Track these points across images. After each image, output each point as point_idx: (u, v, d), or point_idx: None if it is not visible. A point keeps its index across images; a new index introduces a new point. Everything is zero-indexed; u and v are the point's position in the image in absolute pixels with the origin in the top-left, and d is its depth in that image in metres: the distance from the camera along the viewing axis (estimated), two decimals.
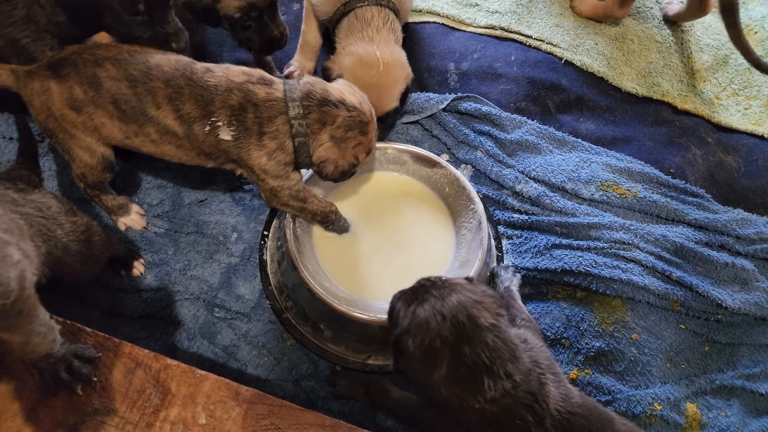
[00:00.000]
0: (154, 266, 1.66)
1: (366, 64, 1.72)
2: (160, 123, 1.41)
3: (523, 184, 1.90)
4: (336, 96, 1.43)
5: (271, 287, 1.67)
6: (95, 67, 1.39)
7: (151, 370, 1.14)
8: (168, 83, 1.38)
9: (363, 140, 1.47)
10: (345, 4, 1.79)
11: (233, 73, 1.43)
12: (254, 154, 1.42)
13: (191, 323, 1.58)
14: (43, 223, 1.26)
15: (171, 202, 1.80)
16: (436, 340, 1.06)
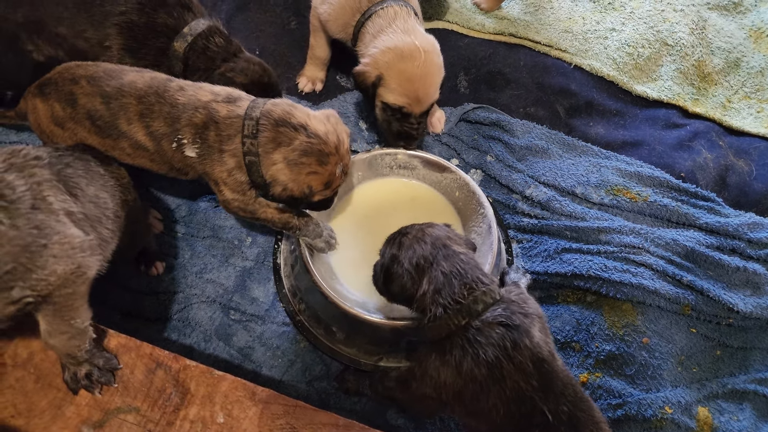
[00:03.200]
0: (171, 269, 1.70)
1: (408, 56, 1.66)
2: (132, 138, 1.45)
3: (533, 189, 1.92)
4: (299, 120, 1.41)
5: (284, 290, 1.71)
6: (72, 84, 1.45)
7: (171, 370, 1.18)
8: (140, 100, 1.43)
9: (319, 170, 1.41)
10: (364, 12, 1.77)
11: (202, 92, 1.46)
12: (216, 169, 1.45)
13: (207, 325, 1.62)
14: (122, 191, 1.41)
15: (188, 207, 1.85)
16: (420, 259, 1.23)
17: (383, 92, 1.71)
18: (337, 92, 2.15)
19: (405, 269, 1.24)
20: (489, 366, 1.10)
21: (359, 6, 1.78)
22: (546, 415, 1.08)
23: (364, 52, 1.76)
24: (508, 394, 1.10)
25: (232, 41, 1.70)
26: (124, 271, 1.68)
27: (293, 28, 2.29)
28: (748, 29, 2.39)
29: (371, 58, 1.70)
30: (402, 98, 1.70)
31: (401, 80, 1.66)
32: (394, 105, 1.72)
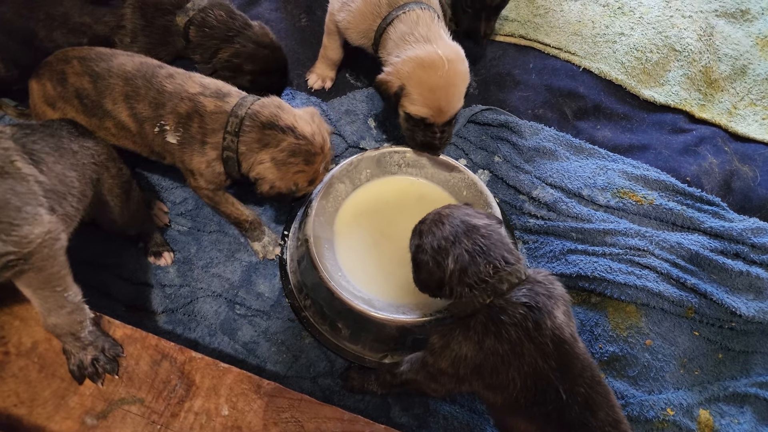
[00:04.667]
0: (177, 263, 1.70)
1: (430, 66, 1.61)
2: (116, 118, 1.50)
3: (540, 190, 1.92)
4: (286, 121, 1.46)
5: (290, 286, 1.71)
6: (64, 64, 1.51)
7: (176, 362, 1.17)
8: (127, 82, 1.48)
9: (306, 168, 1.50)
10: (385, 17, 1.72)
11: (191, 82, 1.51)
12: (195, 159, 1.51)
13: (213, 319, 1.62)
14: (95, 169, 1.40)
15: (194, 202, 1.84)
16: (441, 241, 1.23)
17: (406, 102, 1.67)
18: (346, 90, 2.15)
19: (429, 255, 1.23)
20: (510, 343, 1.11)
21: (379, 11, 1.73)
22: (560, 393, 1.10)
23: (387, 59, 1.72)
24: (526, 369, 1.12)
25: (236, 15, 1.71)
26: (130, 263, 1.67)
27: (303, 24, 2.28)
28: (755, 37, 2.40)
29: (393, 68, 1.66)
30: (424, 109, 1.65)
31: (423, 91, 1.62)
32: (416, 116, 1.67)
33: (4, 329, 1.15)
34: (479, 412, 1.55)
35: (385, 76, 1.68)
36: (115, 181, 1.48)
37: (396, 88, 1.64)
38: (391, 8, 1.71)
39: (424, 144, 1.73)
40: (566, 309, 1.19)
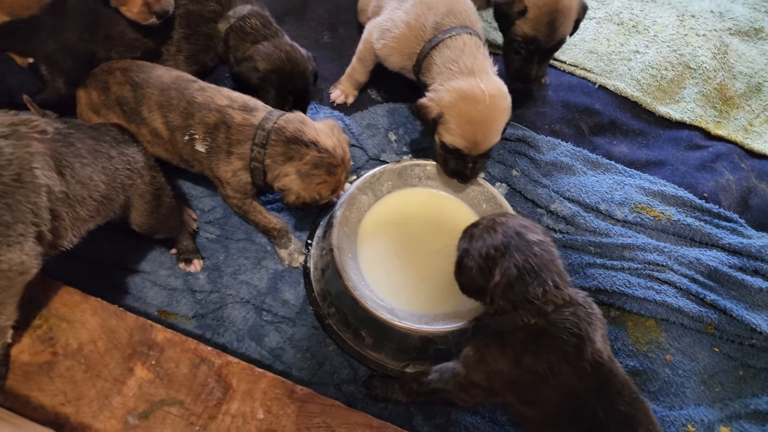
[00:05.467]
0: (207, 269, 1.75)
1: (471, 99, 1.63)
2: (151, 125, 1.59)
3: (558, 204, 1.96)
4: (309, 136, 1.54)
5: (314, 294, 1.75)
6: (108, 75, 1.62)
7: (213, 365, 1.22)
8: (162, 92, 1.57)
9: (329, 179, 1.57)
10: (430, 40, 1.73)
11: (220, 95, 1.59)
12: (222, 168, 1.58)
13: (241, 325, 1.66)
14: (129, 175, 1.45)
15: (222, 210, 1.90)
16: (491, 249, 1.22)
17: (442, 131, 1.68)
18: (367, 104, 2.20)
19: (475, 261, 1.24)
20: (549, 363, 1.13)
21: (423, 35, 1.75)
22: (598, 412, 1.11)
23: (430, 83, 1.73)
24: (563, 388, 1.13)
25: (272, 25, 1.79)
26: (162, 269, 1.73)
27: (326, 42, 2.35)
28: None
29: (435, 95, 1.68)
30: (460, 140, 1.66)
31: (461, 122, 1.63)
32: (451, 146, 1.69)
33: (52, 331, 1.20)
34: (501, 423, 1.57)
35: (426, 102, 1.69)
36: (147, 187, 1.54)
37: (435, 115, 1.66)
38: (436, 31, 1.73)
39: (455, 172, 1.75)
40: (603, 332, 1.20)
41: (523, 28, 1.83)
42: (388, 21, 1.85)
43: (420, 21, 1.75)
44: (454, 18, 1.75)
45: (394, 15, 1.84)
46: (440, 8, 1.76)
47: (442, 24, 1.74)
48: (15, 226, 1.12)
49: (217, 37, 1.75)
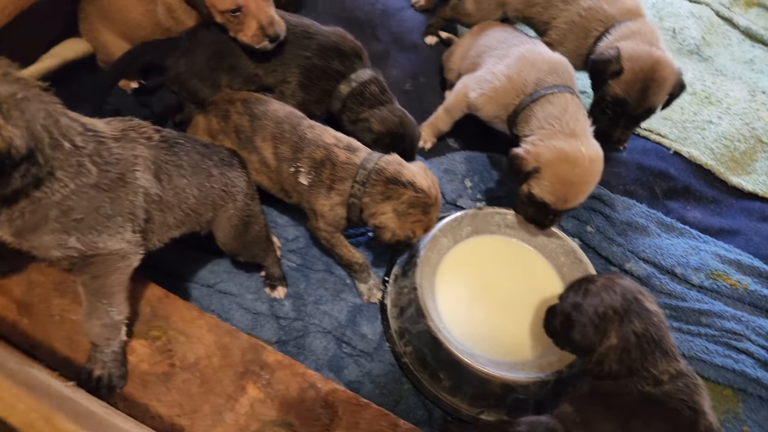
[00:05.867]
0: (291, 297, 1.80)
1: (571, 161, 1.67)
2: (261, 154, 1.69)
3: (633, 263, 1.98)
4: (407, 177, 1.62)
5: (390, 331, 1.79)
6: (229, 104, 1.74)
7: (321, 391, 1.25)
8: (277, 125, 1.68)
9: (423, 219, 1.64)
10: (531, 94, 1.80)
11: (327, 134, 1.69)
12: (320, 201, 1.67)
13: (321, 354, 1.70)
14: (222, 196, 1.50)
15: (304, 240, 1.97)
16: (609, 310, 1.22)
17: (534, 184, 1.73)
18: (444, 150, 2.28)
19: (589, 318, 1.25)
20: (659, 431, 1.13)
21: (524, 89, 1.82)
22: None
23: (527, 135, 1.78)
24: None
25: (387, 92, 1.90)
26: (249, 293, 1.79)
27: (407, 89, 2.45)
28: None
29: (534, 149, 1.72)
30: (550, 196, 1.71)
31: (556, 181, 1.68)
32: (539, 198, 1.73)
33: (171, 343, 1.25)
34: None
35: (523, 154, 1.73)
36: (236, 212, 1.59)
37: (530, 168, 1.70)
38: (537, 86, 1.80)
39: (534, 220, 1.80)
40: (710, 403, 1.20)
41: (615, 89, 1.88)
42: (488, 74, 1.94)
43: (522, 75, 1.83)
44: (557, 77, 1.82)
45: (494, 68, 1.93)
46: (543, 66, 1.84)
47: (544, 81, 1.81)
48: (115, 218, 1.21)
49: (335, 96, 1.85)
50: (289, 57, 1.84)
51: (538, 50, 1.94)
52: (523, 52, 1.91)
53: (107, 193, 1.19)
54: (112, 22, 2.07)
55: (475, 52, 2.11)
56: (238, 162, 1.63)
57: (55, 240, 1.14)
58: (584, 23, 2.01)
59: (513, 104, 1.85)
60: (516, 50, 1.94)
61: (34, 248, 1.16)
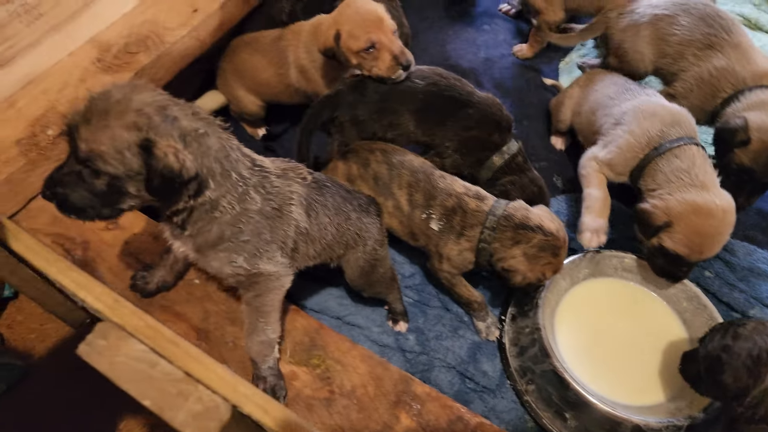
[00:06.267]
0: (413, 331, 1.90)
1: (705, 214, 1.67)
2: (396, 200, 1.82)
3: (758, 310, 1.94)
4: (535, 222, 1.69)
5: (511, 369, 1.84)
6: (369, 153, 1.89)
7: (469, 425, 1.33)
8: (412, 174, 1.81)
9: (553, 261, 1.69)
10: (656, 148, 1.80)
11: (457, 184, 1.81)
12: (449, 246, 1.77)
13: (447, 389, 1.77)
14: (355, 239, 1.63)
15: (420, 278, 2.07)
16: (764, 353, 1.23)
17: (666, 237, 1.73)
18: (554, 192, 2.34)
19: (742, 361, 1.27)
20: None
21: (649, 142, 1.83)
22: None
23: (653, 189, 1.79)
24: None
25: (528, 161, 2.02)
26: (375, 326, 1.90)
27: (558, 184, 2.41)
28: None
29: (663, 203, 1.72)
30: (685, 249, 1.71)
31: (690, 234, 1.68)
32: (671, 251, 1.73)
33: (329, 371, 1.38)
34: None
35: (651, 209, 1.74)
36: (364, 255, 1.70)
37: (661, 223, 1.71)
38: (661, 139, 1.81)
39: (666, 272, 1.80)
40: None
41: (741, 158, 1.85)
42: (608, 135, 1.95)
43: (644, 128, 1.85)
44: (680, 128, 1.83)
45: (614, 130, 1.94)
46: (666, 117, 1.85)
47: (668, 133, 1.82)
48: (271, 244, 1.38)
49: (487, 165, 1.96)
50: (450, 127, 1.94)
51: (656, 101, 1.95)
52: (641, 105, 1.92)
53: (268, 221, 1.36)
54: (245, 80, 2.32)
55: (588, 108, 2.14)
56: (374, 210, 1.75)
57: (227, 258, 1.32)
58: (713, 82, 1.99)
59: (637, 158, 1.85)
60: (631, 104, 1.95)
61: (209, 265, 1.35)
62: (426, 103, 1.92)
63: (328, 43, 1.94)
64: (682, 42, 2.06)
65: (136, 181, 1.16)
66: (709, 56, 2.01)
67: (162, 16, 2.01)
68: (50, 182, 1.17)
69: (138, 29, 1.96)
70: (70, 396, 1.99)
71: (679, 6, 2.10)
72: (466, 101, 1.94)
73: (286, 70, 2.21)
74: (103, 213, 1.20)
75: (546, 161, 2.42)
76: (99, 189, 1.15)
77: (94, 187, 1.15)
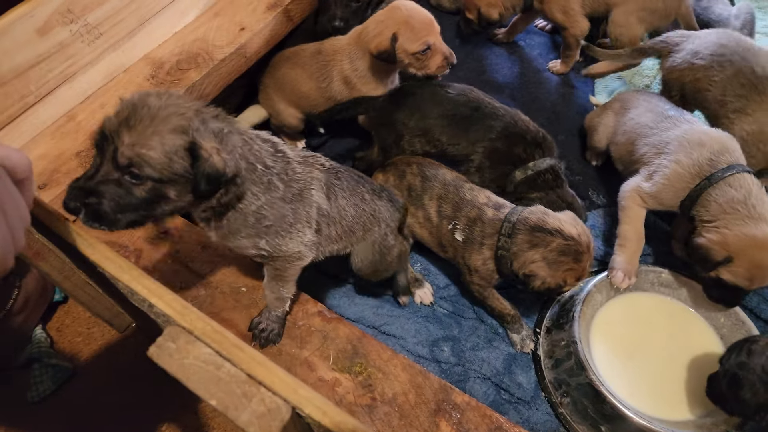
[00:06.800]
0: (449, 341, 1.94)
1: (766, 248, 1.63)
2: (427, 211, 1.89)
3: None
4: (553, 225, 1.67)
5: (546, 381, 1.86)
6: (406, 166, 1.97)
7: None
8: (443, 186, 1.88)
9: (575, 267, 1.66)
10: (708, 177, 1.73)
11: (482, 195, 1.85)
12: (474, 257, 1.81)
13: (482, 400, 1.79)
14: (371, 220, 1.68)
15: (455, 289, 2.11)
16: None
17: (725, 270, 1.69)
18: (590, 207, 2.35)
19: (758, 375, 1.30)
20: None
21: (699, 171, 1.76)
22: None
23: (708, 221, 1.74)
24: None
25: (560, 178, 1.97)
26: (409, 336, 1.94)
27: None
28: None
29: (720, 237, 1.68)
30: (745, 282, 1.68)
31: (752, 268, 1.65)
32: (730, 283, 1.70)
33: (371, 379, 1.43)
34: None
35: (709, 243, 1.70)
36: (376, 237, 1.74)
37: (720, 259, 1.67)
38: (712, 168, 1.74)
39: (721, 300, 1.78)
40: None
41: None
42: (651, 165, 1.90)
43: (693, 158, 1.78)
44: (729, 156, 1.76)
45: (657, 160, 1.89)
46: (714, 145, 1.78)
47: (718, 161, 1.75)
48: (296, 225, 1.45)
49: (510, 180, 1.98)
50: (474, 137, 2.00)
51: (700, 129, 1.87)
52: (686, 135, 1.85)
53: (290, 205, 1.43)
54: (285, 93, 2.41)
55: (626, 139, 2.08)
56: (386, 195, 1.80)
57: (251, 242, 1.41)
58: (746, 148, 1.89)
59: (687, 189, 1.78)
60: (675, 134, 1.88)
61: (235, 247, 1.44)
62: (454, 110, 2.02)
63: (383, 46, 2.04)
64: (716, 101, 2.00)
65: (177, 185, 1.17)
66: (741, 120, 1.94)
67: (212, 34, 2.11)
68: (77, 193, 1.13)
69: (189, 47, 2.07)
70: (113, 397, 2.08)
71: (716, 57, 2.01)
72: (491, 113, 2.01)
73: (327, 84, 2.29)
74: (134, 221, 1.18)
75: (581, 176, 2.44)
76: (139, 196, 1.14)
77: (133, 195, 1.14)
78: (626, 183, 1.97)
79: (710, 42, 2.07)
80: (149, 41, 2.05)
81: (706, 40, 2.10)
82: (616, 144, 2.18)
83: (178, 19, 2.14)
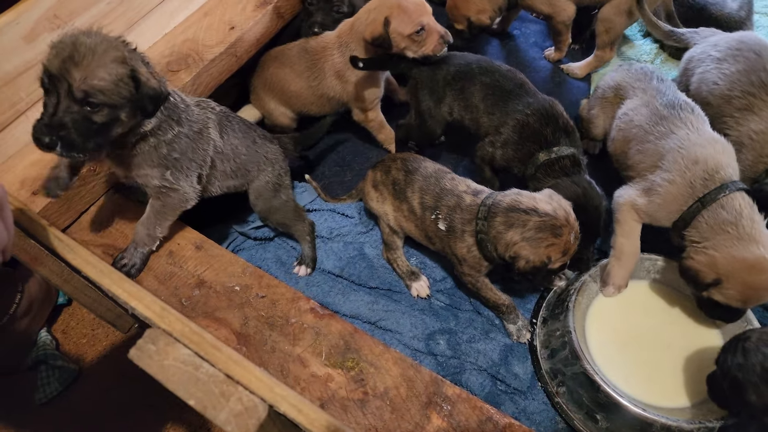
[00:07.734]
0: (445, 333, 1.94)
1: (758, 270, 1.58)
2: (410, 204, 1.90)
3: None
4: (527, 204, 1.67)
5: (542, 371, 1.86)
6: (391, 162, 2.01)
7: (498, 425, 1.36)
8: (425, 179, 1.90)
9: (556, 241, 1.64)
10: (701, 198, 1.69)
11: (462, 184, 1.86)
12: (458, 245, 1.81)
13: (478, 391, 1.80)
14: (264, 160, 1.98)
15: (452, 282, 2.11)
16: None
17: (716, 292, 1.66)
18: None
19: (758, 376, 1.28)
20: None
21: (693, 192, 1.71)
22: None
23: (697, 241, 1.71)
24: None
25: (579, 165, 1.92)
26: (405, 329, 1.95)
27: None
28: None
29: (707, 259, 1.65)
30: (737, 302, 1.65)
31: (743, 290, 1.62)
32: (724, 304, 1.67)
33: (363, 373, 1.44)
34: None
35: (697, 265, 1.67)
36: (270, 177, 1.98)
37: (710, 280, 1.64)
38: (706, 189, 1.69)
39: (720, 317, 1.76)
40: None
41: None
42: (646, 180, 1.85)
43: (686, 178, 1.73)
44: (724, 173, 1.70)
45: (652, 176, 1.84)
46: (709, 163, 1.71)
47: (712, 181, 1.70)
48: (192, 163, 1.63)
49: (532, 161, 1.93)
50: (510, 108, 1.99)
51: (696, 141, 1.77)
52: (681, 150, 1.77)
53: (193, 143, 1.61)
54: (275, 93, 2.42)
55: (621, 136, 2.00)
56: (277, 142, 2.05)
57: (159, 172, 1.56)
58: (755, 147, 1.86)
59: (681, 210, 1.74)
60: (670, 145, 1.80)
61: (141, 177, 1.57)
62: (501, 81, 2.04)
63: (377, 32, 2.05)
64: (723, 96, 1.94)
65: (126, 108, 1.34)
66: (747, 119, 1.87)
67: (201, 34, 2.12)
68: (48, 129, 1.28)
69: (179, 48, 2.08)
70: (120, 397, 2.12)
71: (732, 51, 1.97)
72: (532, 93, 2.03)
73: (319, 81, 2.29)
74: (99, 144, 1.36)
75: None
76: (98, 121, 1.32)
77: (93, 121, 1.31)
78: (620, 193, 1.92)
79: (731, 37, 2.06)
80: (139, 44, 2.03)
81: (728, 35, 2.10)
82: (611, 139, 2.10)
83: (167, 21, 2.14)
